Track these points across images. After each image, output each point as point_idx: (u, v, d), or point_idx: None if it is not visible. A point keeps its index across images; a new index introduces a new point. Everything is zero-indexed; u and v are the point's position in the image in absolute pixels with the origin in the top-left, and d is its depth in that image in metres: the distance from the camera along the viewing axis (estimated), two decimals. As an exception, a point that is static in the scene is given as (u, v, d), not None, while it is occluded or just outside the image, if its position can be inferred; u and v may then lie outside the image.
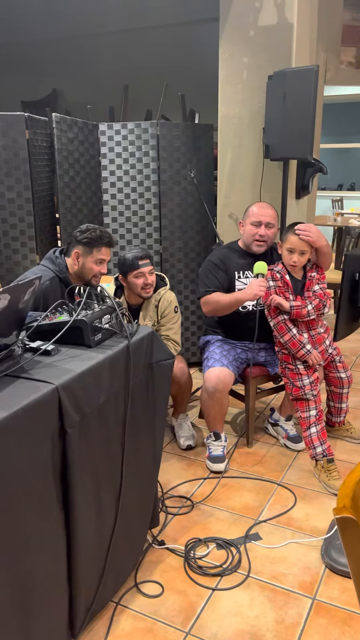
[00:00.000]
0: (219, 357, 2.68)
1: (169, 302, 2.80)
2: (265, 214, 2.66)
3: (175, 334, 2.83)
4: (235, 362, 2.71)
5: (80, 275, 2.39)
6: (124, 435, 1.75)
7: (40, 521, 1.42)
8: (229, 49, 3.40)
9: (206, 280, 2.72)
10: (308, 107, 2.93)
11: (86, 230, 2.33)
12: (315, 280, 2.64)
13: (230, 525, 2.27)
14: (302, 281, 2.65)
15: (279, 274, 2.62)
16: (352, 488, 0.96)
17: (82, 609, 1.67)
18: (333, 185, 9.91)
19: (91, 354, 1.64)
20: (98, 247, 2.33)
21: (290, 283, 2.60)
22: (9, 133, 2.95)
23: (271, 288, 2.59)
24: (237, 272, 2.73)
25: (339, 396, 2.83)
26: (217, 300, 2.65)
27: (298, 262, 2.55)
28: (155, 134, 3.42)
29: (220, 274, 2.71)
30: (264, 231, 2.66)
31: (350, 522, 0.90)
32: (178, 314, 2.85)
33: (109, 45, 5.86)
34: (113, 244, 2.39)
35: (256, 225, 2.67)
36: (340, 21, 4.43)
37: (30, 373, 1.49)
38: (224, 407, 2.67)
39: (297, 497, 2.44)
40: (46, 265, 2.40)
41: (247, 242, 2.72)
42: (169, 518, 2.32)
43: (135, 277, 2.66)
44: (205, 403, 2.67)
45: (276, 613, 1.83)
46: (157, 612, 1.84)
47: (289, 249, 2.56)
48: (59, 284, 2.36)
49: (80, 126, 3.30)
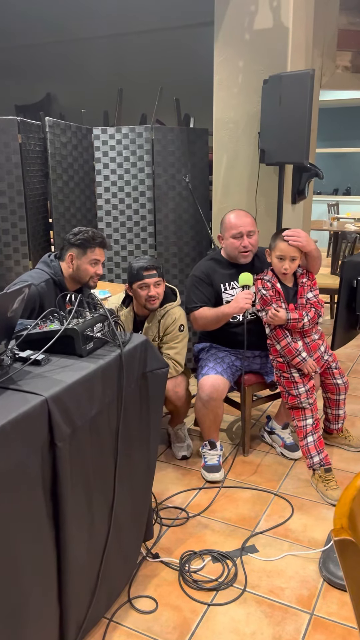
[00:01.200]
0: (212, 364, 2.64)
1: (173, 320, 2.63)
2: (244, 223, 2.59)
3: (177, 354, 2.66)
4: (230, 369, 2.67)
5: (76, 278, 2.34)
6: (117, 447, 1.71)
7: (29, 537, 1.37)
8: (224, 53, 3.37)
9: (193, 296, 2.67)
10: (304, 111, 2.90)
11: (79, 232, 2.31)
12: (307, 287, 2.59)
13: (226, 537, 2.22)
14: (294, 288, 2.61)
15: (270, 282, 2.57)
16: (349, 506, 0.92)
17: (74, 627, 1.62)
18: (329, 190, 9.92)
19: (82, 363, 1.59)
20: (92, 247, 2.30)
21: (281, 291, 2.56)
22: (1, 137, 2.91)
23: (265, 296, 2.55)
24: (223, 284, 2.67)
25: (336, 403, 2.79)
26: (205, 315, 2.61)
27: (289, 269, 2.51)
28: (150, 139, 3.38)
29: (206, 287, 2.66)
30: (247, 241, 2.60)
31: (349, 545, 0.86)
32: (184, 333, 2.68)
33: (103, 49, 5.83)
34: (107, 244, 2.36)
35: (238, 238, 2.60)
36: (336, 25, 4.41)
37: (19, 384, 1.44)
38: (218, 416, 2.62)
39: (294, 508, 2.40)
40: (41, 268, 2.37)
41: (232, 255, 2.66)
42: (164, 530, 2.27)
43: (139, 288, 2.54)
44: (199, 412, 2.62)
45: (273, 629, 1.78)
46: (150, 629, 1.79)
47: (279, 257, 2.51)
48: (54, 288, 2.32)
49: (74, 130, 3.26)
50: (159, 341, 2.68)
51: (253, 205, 3.46)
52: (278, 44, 3.21)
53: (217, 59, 3.40)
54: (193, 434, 3.05)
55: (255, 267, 2.70)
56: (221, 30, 3.35)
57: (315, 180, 3.69)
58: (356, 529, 0.92)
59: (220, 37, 3.36)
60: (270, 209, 3.43)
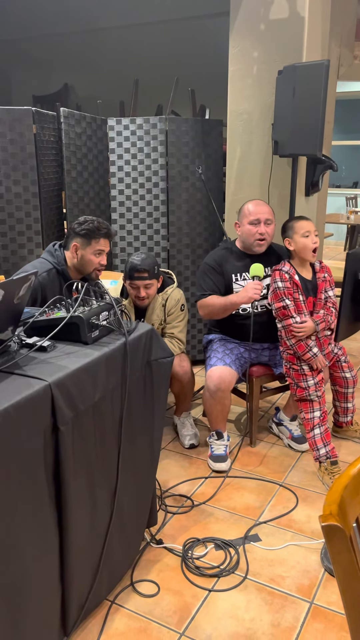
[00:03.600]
0: (221, 355, 2.65)
1: (176, 301, 2.78)
2: (262, 211, 2.60)
3: (180, 332, 2.81)
4: (238, 360, 2.68)
5: (80, 268, 2.36)
6: (120, 433, 1.74)
7: (32, 518, 1.41)
8: (239, 44, 3.35)
9: (202, 283, 2.68)
10: (318, 102, 2.88)
11: (84, 222, 2.31)
12: (328, 284, 2.61)
13: (230, 526, 2.24)
14: (312, 282, 2.61)
15: (288, 274, 2.56)
16: (340, 494, 0.93)
17: (75, 607, 1.66)
18: (348, 183, 9.80)
19: (87, 350, 1.62)
20: (96, 238, 2.30)
21: (299, 283, 2.56)
22: (16, 127, 2.94)
23: (280, 289, 2.54)
24: (235, 275, 2.68)
25: (344, 396, 2.79)
26: (212, 303, 2.61)
27: (317, 242, 2.54)
28: (164, 129, 3.39)
29: (216, 276, 2.67)
30: (264, 229, 2.60)
31: (337, 530, 0.88)
32: (184, 312, 2.83)
33: (120, 39, 5.84)
34: (112, 234, 2.36)
35: (255, 224, 2.60)
36: (355, 15, 4.35)
37: (24, 369, 1.48)
38: (226, 407, 2.64)
39: (298, 499, 2.41)
40: (45, 257, 2.39)
41: (247, 242, 2.65)
42: (168, 517, 2.30)
43: (129, 286, 2.67)
44: (207, 402, 2.64)
45: (272, 616, 1.81)
46: (151, 612, 1.82)
47: (304, 234, 2.52)
48: (57, 277, 2.34)
49: (89, 121, 3.28)
50: (165, 323, 2.74)
51: (266, 197, 3.46)
52: (294, 34, 3.18)
53: (232, 49, 3.38)
54: (200, 424, 3.08)
55: (271, 261, 2.69)
56: (237, 20, 3.33)
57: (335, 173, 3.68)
58: (346, 517, 0.93)
59: (235, 28, 3.34)
60: (283, 200, 3.42)
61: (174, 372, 2.70)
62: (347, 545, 0.88)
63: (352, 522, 0.95)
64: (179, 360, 2.75)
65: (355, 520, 0.97)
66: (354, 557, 0.90)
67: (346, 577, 0.91)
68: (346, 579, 0.91)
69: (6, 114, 2.92)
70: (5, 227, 3.06)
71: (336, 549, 0.90)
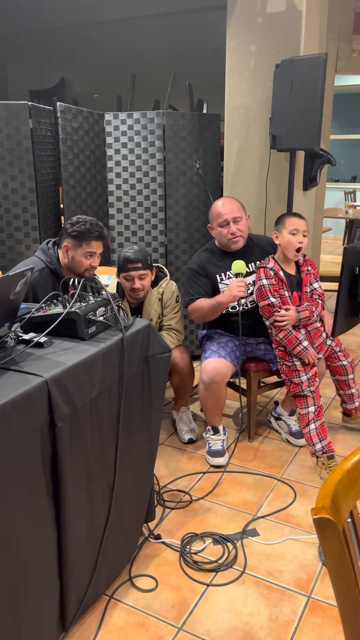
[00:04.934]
0: (216, 348, 2.66)
1: (172, 293, 2.79)
2: (228, 210, 2.59)
3: (177, 323, 2.82)
4: (234, 353, 2.68)
5: (71, 268, 2.33)
6: (118, 429, 1.74)
7: (29, 514, 1.41)
8: (236, 37, 3.34)
9: (189, 288, 2.70)
10: (316, 96, 2.87)
11: (76, 223, 2.26)
12: (312, 276, 2.61)
13: (228, 521, 2.25)
14: (297, 276, 2.61)
15: (272, 270, 2.56)
16: (333, 487, 0.93)
17: (74, 602, 1.67)
18: (347, 177, 9.77)
19: (84, 346, 1.62)
20: (87, 240, 2.25)
21: (284, 279, 2.56)
22: (12, 122, 2.93)
23: (265, 287, 2.54)
24: (219, 275, 2.68)
25: (346, 383, 2.79)
26: (201, 306, 2.63)
27: (304, 243, 2.51)
28: (162, 124, 3.37)
29: (202, 279, 2.68)
30: (234, 228, 2.60)
31: (328, 523, 0.88)
32: (179, 303, 2.84)
33: (117, 33, 5.80)
34: (104, 237, 2.31)
35: (224, 226, 2.61)
36: (353, 9, 4.33)
37: (21, 365, 1.48)
38: (221, 400, 2.64)
39: (296, 493, 2.42)
40: (38, 256, 2.36)
41: (223, 243, 2.67)
42: (167, 512, 2.30)
43: (124, 279, 2.65)
44: (202, 395, 2.64)
45: (270, 610, 1.81)
46: (150, 607, 1.83)
47: (291, 232, 2.50)
48: (49, 275, 2.32)
49: (86, 115, 3.27)
50: (162, 317, 2.75)
51: (264, 191, 3.45)
52: (291, 28, 3.16)
53: (230, 43, 3.37)
54: (199, 419, 3.08)
55: (253, 255, 2.69)
56: (234, 13, 3.31)
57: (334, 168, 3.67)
58: (338, 510, 0.93)
59: (232, 21, 3.32)
60: (281, 195, 3.41)
61: (174, 364, 2.71)
62: (339, 537, 0.88)
63: (345, 515, 0.96)
64: (178, 352, 2.75)
65: (350, 514, 0.97)
66: (346, 550, 0.90)
67: (338, 569, 0.92)
68: (338, 571, 0.92)
69: (2, 108, 2.90)
70: (2, 223, 3.05)
71: (328, 541, 0.90)
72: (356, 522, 1.00)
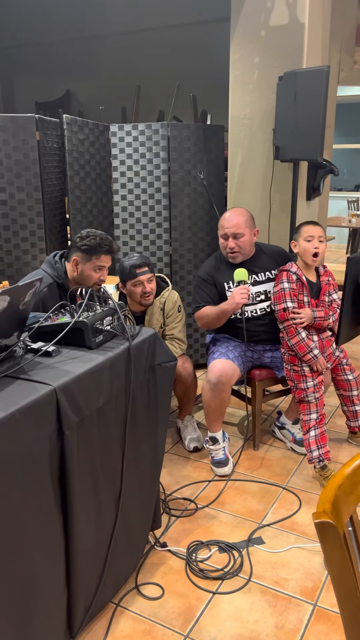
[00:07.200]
0: (224, 350, 2.68)
1: (174, 302, 2.81)
2: (231, 224, 2.60)
3: (179, 332, 2.84)
4: (241, 357, 2.69)
5: (80, 281, 2.33)
6: (124, 437, 1.75)
7: (38, 522, 1.43)
8: (240, 50, 3.38)
9: (196, 295, 2.74)
10: (318, 108, 2.91)
11: (86, 237, 2.26)
12: (332, 287, 2.65)
13: (233, 529, 2.26)
14: (317, 284, 2.64)
15: (295, 274, 2.59)
16: (334, 492, 0.95)
17: (81, 610, 1.68)
18: (350, 186, 9.82)
19: (92, 355, 1.64)
20: (97, 254, 2.27)
21: (306, 284, 2.59)
22: (19, 134, 2.97)
23: (285, 290, 2.57)
24: (227, 283, 2.71)
25: (350, 399, 2.79)
26: (207, 314, 2.66)
27: (320, 248, 2.55)
28: (166, 135, 3.42)
29: (209, 287, 2.71)
30: (232, 243, 2.61)
31: (329, 527, 0.89)
32: (182, 312, 2.87)
33: (121, 46, 5.88)
34: (114, 250, 2.32)
35: (225, 238, 2.64)
36: (355, 20, 4.39)
37: (30, 374, 1.50)
38: (224, 402, 2.64)
39: (302, 502, 2.42)
40: (45, 269, 2.36)
41: (224, 254, 2.70)
42: (172, 520, 2.31)
43: (133, 286, 2.65)
44: (206, 395, 2.64)
45: (276, 618, 1.82)
46: (156, 615, 1.84)
47: (307, 238, 2.55)
48: (57, 290, 2.32)
49: (91, 127, 3.31)
50: (164, 326, 2.77)
51: (267, 201, 3.48)
52: (294, 41, 3.21)
53: (233, 55, 3.41)
54: (203, 427, 3.09)
55: (258, 265, 2.72)
56: (237, 26, 3.36)
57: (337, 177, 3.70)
58: (339, 515, 0.95)
59: (236, 34, 3.37)
60: (284, 205, 3.45)
61: (177, 373, 2.72)
62: (340, 542, 0.90)
63: (346, 520, 0.97)
64: (181, 362, 2.77)
65: (350, 519, 0.99)
66: (347, 554, 0.92)
67: (339, 573, 0.93)
68: (339, 575, 0.93)
69: (10, 121, 2.95)
70: (9, 233, 3.09)
71: (329, 545, 0.92)
72: (356, 528, 1.02)
